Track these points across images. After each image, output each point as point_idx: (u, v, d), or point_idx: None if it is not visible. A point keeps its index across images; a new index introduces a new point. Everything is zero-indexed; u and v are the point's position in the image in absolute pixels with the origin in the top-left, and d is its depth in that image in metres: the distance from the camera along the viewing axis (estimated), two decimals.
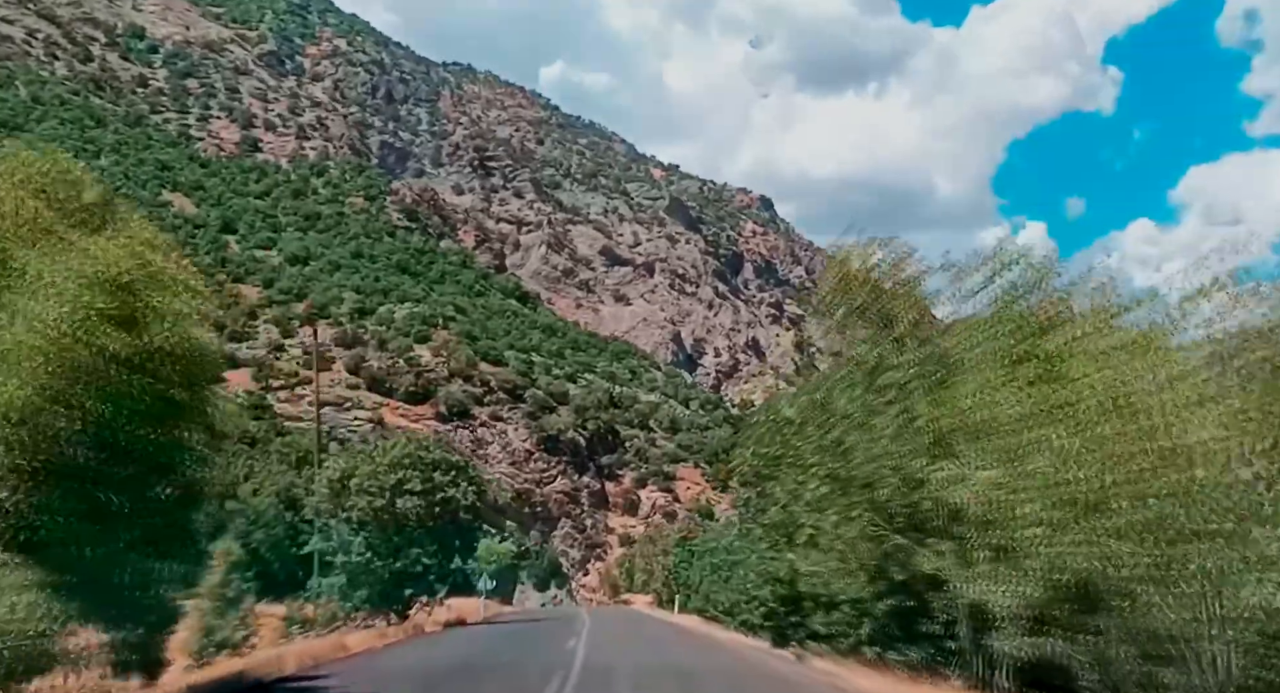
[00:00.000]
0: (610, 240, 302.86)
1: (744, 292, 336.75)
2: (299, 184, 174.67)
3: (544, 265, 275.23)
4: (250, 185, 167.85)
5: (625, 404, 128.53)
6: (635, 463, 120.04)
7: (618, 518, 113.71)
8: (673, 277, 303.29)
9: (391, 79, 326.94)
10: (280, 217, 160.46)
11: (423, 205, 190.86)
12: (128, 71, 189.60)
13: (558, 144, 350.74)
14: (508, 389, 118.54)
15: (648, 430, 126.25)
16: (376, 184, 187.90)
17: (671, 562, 47.28)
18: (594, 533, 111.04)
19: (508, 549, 54.44)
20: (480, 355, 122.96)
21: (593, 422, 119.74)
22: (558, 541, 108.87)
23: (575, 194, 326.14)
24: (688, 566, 43.04)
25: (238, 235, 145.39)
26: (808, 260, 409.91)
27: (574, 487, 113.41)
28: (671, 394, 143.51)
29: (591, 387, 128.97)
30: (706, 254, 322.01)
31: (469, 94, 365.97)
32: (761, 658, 20.72)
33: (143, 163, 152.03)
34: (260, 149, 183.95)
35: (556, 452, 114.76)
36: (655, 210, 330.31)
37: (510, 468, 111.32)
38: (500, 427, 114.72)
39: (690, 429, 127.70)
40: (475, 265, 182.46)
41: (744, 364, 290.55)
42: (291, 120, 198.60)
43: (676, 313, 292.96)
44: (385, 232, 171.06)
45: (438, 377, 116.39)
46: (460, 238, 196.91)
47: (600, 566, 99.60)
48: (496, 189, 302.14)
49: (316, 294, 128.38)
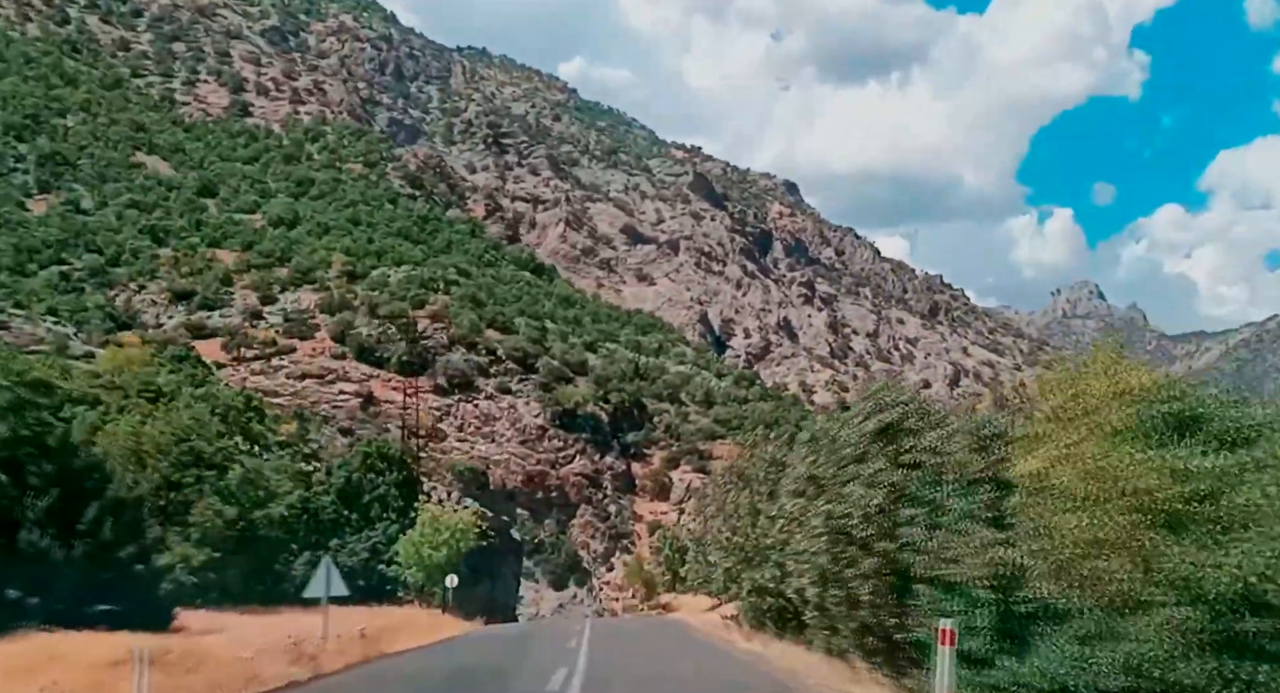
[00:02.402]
0: (632, 218, 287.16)
1: (774, 270, 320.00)
2: (292, 149, 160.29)
3: (562, 244, 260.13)
4: (238, 150, 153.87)
5: (652, 376, 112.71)
6: (665, 441, 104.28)
7: (646, 503, 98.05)
8: (698, 255, 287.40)
9: (400, 55, 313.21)
10: (270, 182, 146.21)
11: (428, 172, 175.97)
12: (108, 35, 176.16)
13: (575, 120, 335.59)
14: (517, 358, 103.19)
15: (678, 404, 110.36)
16: (378, 150, 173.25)
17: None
18: (619, 521, 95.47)
19: (464, 522, 38.81)
20: (486, 322, 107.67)
21: (616, 394, 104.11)
22: (576, 531, 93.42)
23: (594, 171, 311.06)
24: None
25: (218, 198, 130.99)
26: (837, 241, 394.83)
27: (595, 468, 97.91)
28: (704, 367, 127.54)
29: (614, 356, 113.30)
30: (733, 232, 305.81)
31: (483, 74, 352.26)
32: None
33: (115, 123, 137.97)
34: (250, 114, 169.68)
35: (574, 428, 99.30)
36: (679, 186, 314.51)
37: (521, 447, 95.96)
38: (509, 400, 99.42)
39: (727, 403, 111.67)
40: (486, 236, 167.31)
41: (776, 345, 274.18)
42: (286, 85, 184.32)
43: (703, 293, 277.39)
44: (386, 199, 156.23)
45: (436, 345, 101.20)
46: (470, 208, 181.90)
47: (628, 558, 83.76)
48: (511, 166, 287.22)
49: (301, 257, 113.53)
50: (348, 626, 19.88)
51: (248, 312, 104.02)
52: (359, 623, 20.63)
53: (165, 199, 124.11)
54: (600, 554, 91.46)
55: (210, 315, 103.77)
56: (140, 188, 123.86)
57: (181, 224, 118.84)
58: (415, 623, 27.68)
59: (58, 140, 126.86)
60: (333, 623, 18.72)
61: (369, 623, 21.18)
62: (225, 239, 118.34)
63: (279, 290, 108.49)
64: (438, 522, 35.55)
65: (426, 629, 27.17)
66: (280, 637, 17.13)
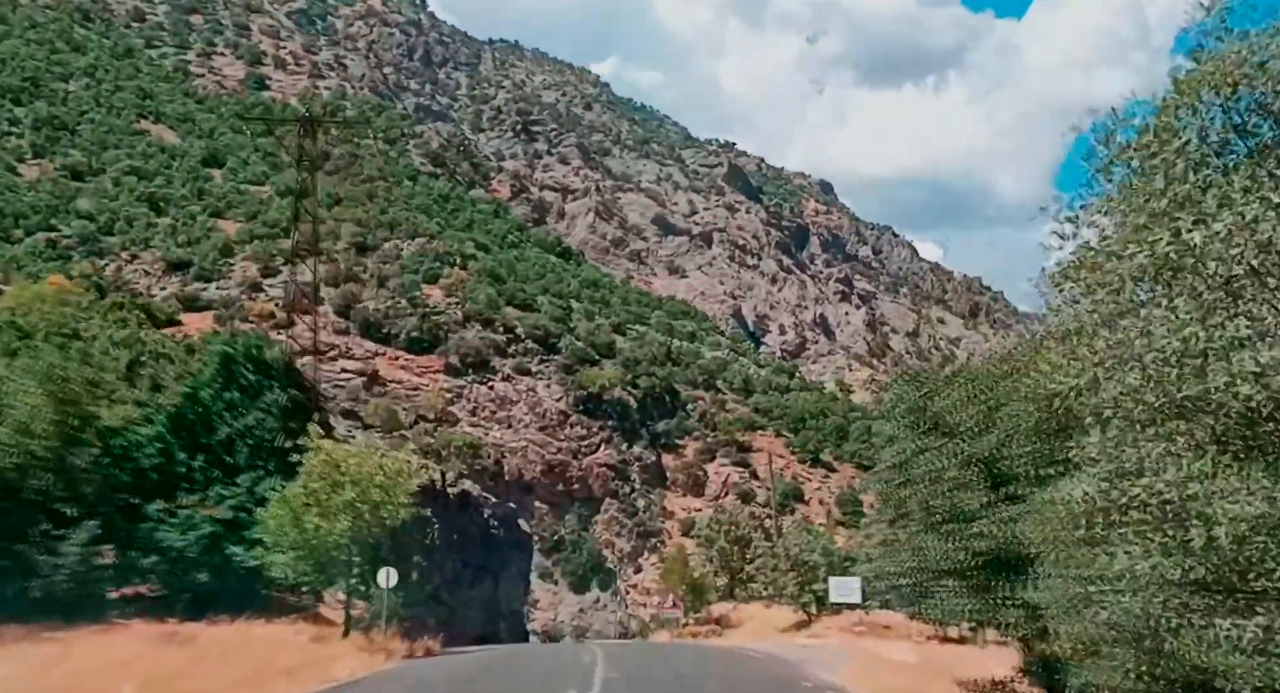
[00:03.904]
0: (664, 209, 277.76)
1: (810, 266, 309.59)
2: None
3: (591, 234, 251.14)
4: (252, 123, 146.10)
5: (685, 361, 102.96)
6: (700, 431, 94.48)
7: (678, 498, 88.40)
8: (732, 248, 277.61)
9: (430, 40, 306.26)
10: (283, 155, 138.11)
11: (451, 150, 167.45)
12: (123, 5, 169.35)
13: (607, 110, 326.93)
14: (538, 338, 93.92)
15: (714, 391, 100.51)
16: (399, 127, 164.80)
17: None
18: (647, 518, 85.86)
19: (391, 470, 23.91)
20: (506, 299, 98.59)
21: (646, 379, 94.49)
22: (600, 527, 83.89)
23: (625, 161, 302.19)
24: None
25: (224, 168, 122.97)
26: (874, 240, 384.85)
27: (622, 459, 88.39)
28: (742, 354, 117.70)
29: (644, 339, 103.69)
30: (769, 225, 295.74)
31: (514, 63, 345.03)
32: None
33: (120, 90, 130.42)
34: (267, 87, 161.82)
35: (599, 414, 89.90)
36: (713, 178, 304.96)
37: (540, 434, 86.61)
38: (528, 382, 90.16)
39: (767, 391, 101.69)
40: (510, 217, 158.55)
41: (812, 342, 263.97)
42: (306, 59, 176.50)
43: (737, 287, 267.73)
44: (406, 176, 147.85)
45: (449, 320, 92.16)
46: (494, 189, 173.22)
47: (667, 553, 73.73)
48: (540, 155, 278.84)
49: (308, 227, 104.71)
50: (111, 674, 10.05)
51: (246, 284, 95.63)
52: (143, 662, 11.11)
53: (167, 167, 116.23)
54: (627, 554, 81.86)
55: (206, 287, 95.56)
56: (141, 155, 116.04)
57: (183, 192, 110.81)
58: (267, 661, 16.67)
59: (57, 105, 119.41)
60: (92, 661, 9.30)
61: (161, 661, 11.64)
62: (229, 208, 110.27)
63: (282, 262, 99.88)
64: (337, 468, 21.37)
65: (279, 676, 15.99)
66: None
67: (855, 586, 25.42)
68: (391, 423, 69.55)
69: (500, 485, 78.46)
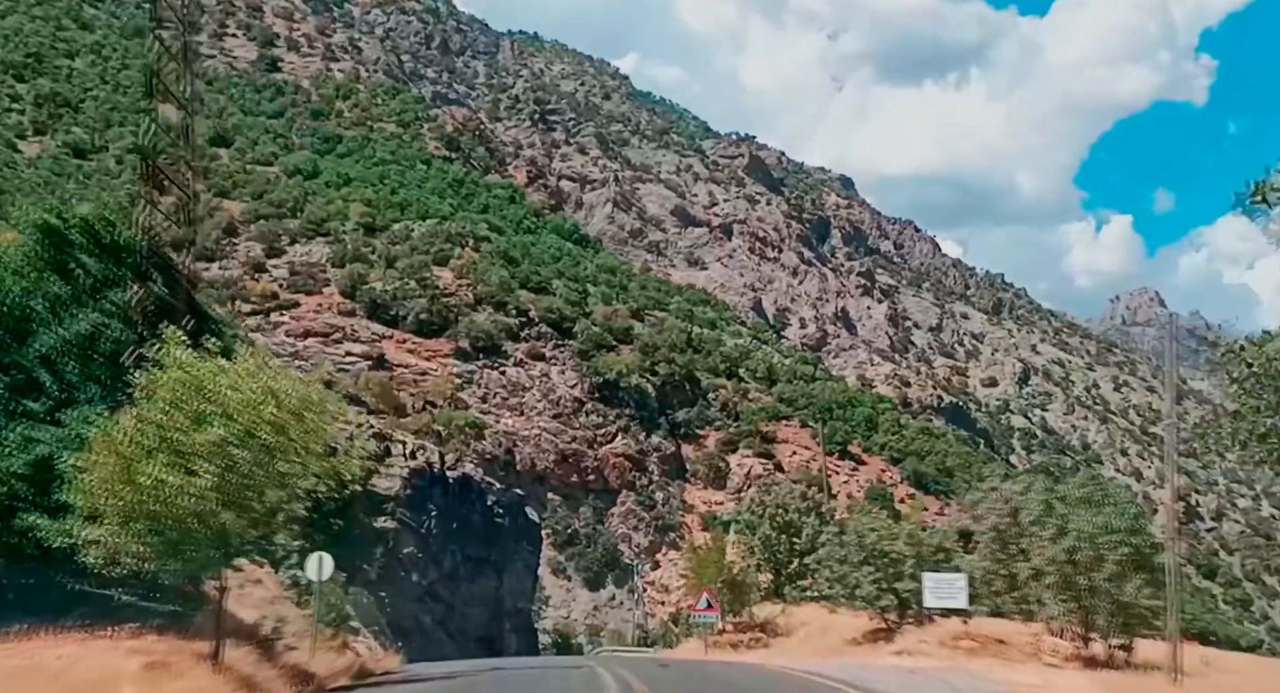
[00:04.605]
0: (683, 200, 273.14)
1: (831, 259, 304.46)
2: (320, 105, 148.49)
3: (609, 225, 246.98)
4: (262, 104, 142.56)
5: (706, 348, 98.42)
6: (721, 420, 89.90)
7: (699, 491, 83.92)
8: (753, 240, 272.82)
9: (448, 29, 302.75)
10: (294, 137, 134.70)
11: (466, 135, 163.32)
12: None
13: (626, 100, 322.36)
14: (552, 321, 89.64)
15: (737, 380, 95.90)
16: (413, 110, 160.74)
17: None
18: (666, 511, 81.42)
19: (317, 404, 14.84)
20: (519, 282, 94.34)
21: (665, 365, 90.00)
22: (616, 520, 79.57)
23: (644, 152, 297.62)
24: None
25: (232, 148, 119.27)
26: (895, 234, 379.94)
27: (639, 449, 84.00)
28: (765, 342, 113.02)
29: (663, 325, 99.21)
30: (790, 218, 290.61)
31: (532, 51, 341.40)
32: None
33: (126, 67, 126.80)
34: (279, 69, 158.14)
35: (616, 402, 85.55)
36: (733, 169, 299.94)
37: (553, 422, 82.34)
38: (541, 368, 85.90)
39: (792, 380, 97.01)
40: (526, 203, 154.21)
41: (833, 336, 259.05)
42: (320, 41, 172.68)
43: (757, 279, 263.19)
44: (419, 159, 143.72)
45: (459, 303, 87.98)
46: (511, 174, 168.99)
47: (679, 554, 69.34)
48: (558, 144, 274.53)
49: (316, 207, 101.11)
50: None
51: (250, 263, 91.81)
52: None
53: (173, 145, 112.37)
54: (644, 549, 77.50)
55: (208, 267, 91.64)
56: (146, 133, 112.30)
57: None
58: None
59: (60, 81, 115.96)
60: None
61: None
62: (235, 188, 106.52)
63: (288, 242, 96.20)
64: (199, 393, 13.37)
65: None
66: None
67: (959, 585, 20.21)
68: (385, 397, 64.85)
69: (511, 475, 74.27)
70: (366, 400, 65.40)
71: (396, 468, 43.55)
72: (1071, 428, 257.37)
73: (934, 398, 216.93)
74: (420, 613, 40.93)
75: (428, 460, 47.32)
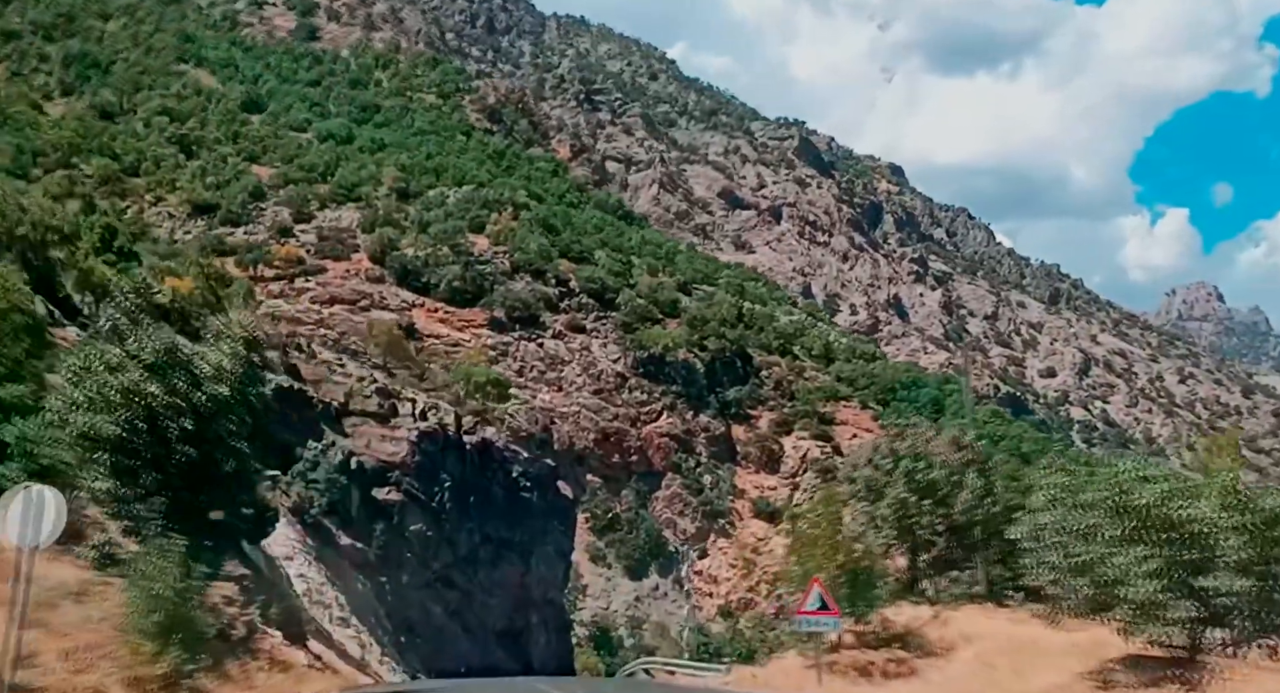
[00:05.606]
0: (731, 182, 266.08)
1: (883, 245, 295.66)
2: (359, 74, 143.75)
3: (655, 206, 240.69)
4: (300, 73, 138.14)
5: (758, 324, 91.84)
6: (775, 400, 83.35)
7: (750, 475, 77.52)
8: (802, 224, 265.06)
9: (493, 7, 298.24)
10: (330, 105, 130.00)
11: (509, 107, 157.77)
12: None
13: (673, 80, 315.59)
14: (594, 292, 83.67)
15: (791, 357, 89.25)
16: (453, 81, 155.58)
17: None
18: (714, 496, 75.16)
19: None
20: (560, 251, 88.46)
21: (714, 340, 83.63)
22: (661, 505, 73.52)
23: (692, 133, 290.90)
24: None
25: (264, 114, 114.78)
26: (948, 222, 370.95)
27: (686, 429, 77.81)
28: (820, 319, 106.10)
29: (712, 299, 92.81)
30: (841, 201, 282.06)
31: (578, 32, 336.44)
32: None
33: (160, 31, 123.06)
34: (318, 38, 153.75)
35: (661, 379, 79.43)
36: (783, 151, 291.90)
37: (594, 398, 76.41)
38: (582, 340, 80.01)
39: (851, 359, 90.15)
40: (570, 178, 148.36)
41: (885, 323, 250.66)
42: (361, 11, 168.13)
43: (806, 264, 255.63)
44: (460, 130, 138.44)
45: (495, 271, 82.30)
46: (554, 148, 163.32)
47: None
48: (604, 125, 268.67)
49: (348, 172, 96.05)
50: None
51: (276, 228, 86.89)
52: None
53: (203, 109, 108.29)
54: (691, 536, 71.37)
55: (234, 232, 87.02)
56: (175, 96, 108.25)
57: (216, 135, 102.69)
58: None
59: (90, 42, 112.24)
60: None
61: None
62: (264, 153, 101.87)
63: (317, 207, 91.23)
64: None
65: None
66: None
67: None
68: (395, 349, 58.48)
69: (548, 454, 68.49)
70: (369, 352, 58.93)
71: (404, 430, 37.61)
72: (1135, 421, 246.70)
73: (990, 388, 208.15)
74: (429, 603, 34.97)
75: (440, 422, 41.16)
